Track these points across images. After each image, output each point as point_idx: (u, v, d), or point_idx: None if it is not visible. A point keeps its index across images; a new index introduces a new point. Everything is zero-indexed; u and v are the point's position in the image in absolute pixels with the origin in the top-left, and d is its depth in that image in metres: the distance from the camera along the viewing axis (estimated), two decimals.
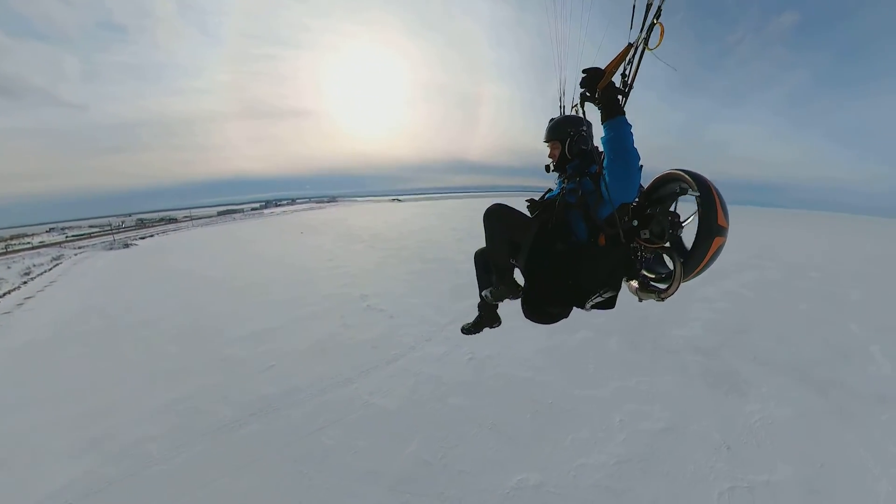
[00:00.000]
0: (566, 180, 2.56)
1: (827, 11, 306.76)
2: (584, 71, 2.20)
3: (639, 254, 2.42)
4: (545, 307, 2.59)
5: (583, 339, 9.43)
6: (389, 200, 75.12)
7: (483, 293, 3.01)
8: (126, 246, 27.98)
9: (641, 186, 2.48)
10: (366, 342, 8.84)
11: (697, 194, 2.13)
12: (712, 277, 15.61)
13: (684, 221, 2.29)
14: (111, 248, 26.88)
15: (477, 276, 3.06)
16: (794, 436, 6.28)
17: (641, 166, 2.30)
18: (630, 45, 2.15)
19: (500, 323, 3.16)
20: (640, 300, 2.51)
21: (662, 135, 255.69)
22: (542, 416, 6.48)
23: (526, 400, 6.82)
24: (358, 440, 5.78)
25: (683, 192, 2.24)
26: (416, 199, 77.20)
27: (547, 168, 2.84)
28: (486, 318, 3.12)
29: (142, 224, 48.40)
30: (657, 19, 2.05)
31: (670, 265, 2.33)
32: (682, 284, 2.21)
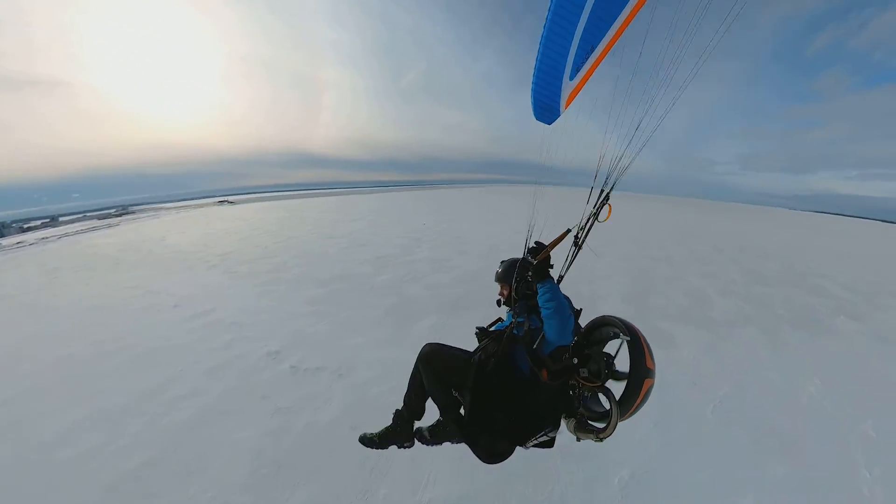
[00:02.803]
0: (515, 315, 2.78)
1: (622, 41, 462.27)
2: (535, 242, 2.71)
3: (577, 390, 2.61)
4: (494, 446, 2.62)
5: None
6: (215, 203, 59.98)
7: (403, 410, 3.01)
8: None
9: (580, 326, 2.82)
10: (337, 425, 6.08)
11: (628, 339, 2.45)
12: (604, 257, 18.31)
13: (616, 360, 2.61)
14: None
15: (412, 378, 2.94)
16: (713, 361, 8.70)
17: (577, 311, 2.76)
18: (568, 230, 2.76)
19: (412, 443, 3.03)
20: (579, 440, 2.66)
21: (504, 125, 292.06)
22: None
23: None
24: None
25: (616, 336, 2.59)
26: (255, 200, 64.11)
27: (498, 302, 3.15)
28: (401, 432, 2.97)
29: None
30: (608, 201, 2.70)
31: (605, 404, 2.59)
32: (618, 424, 2.41)
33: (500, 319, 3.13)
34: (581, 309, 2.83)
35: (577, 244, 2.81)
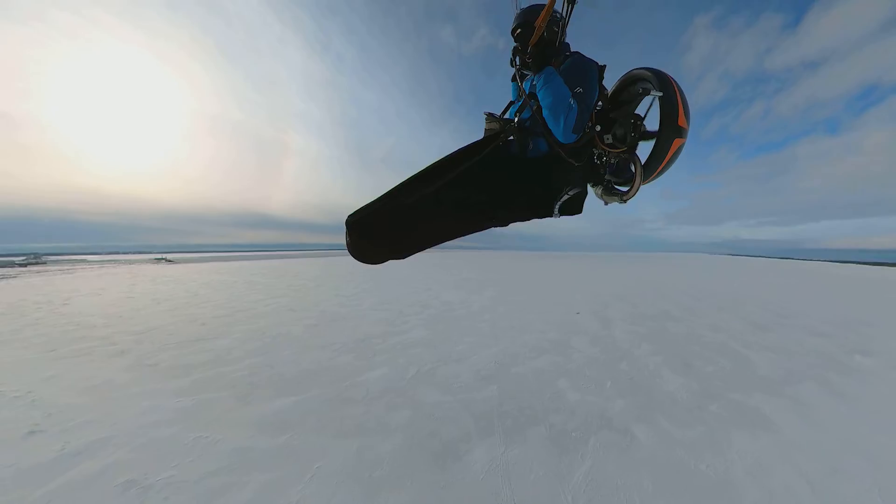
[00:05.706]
0: (524, 94, 2.60)
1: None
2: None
3: (603, 159, 2.58)
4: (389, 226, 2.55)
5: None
6: (151, 260, 51.63)
7: None
8: None
9: (605, 88, 2.63)
10: None
11: (660, 94, 2.32)
12: (610, 326, 15.65)
13: (646, 123, 2.46)
14: None
15: None
16: (819, 434, 6.02)
17: (601, 67, 2.34)
18: None
19: None
20: (606, 203, 2.95)
21: (426, 154, 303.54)
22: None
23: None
24: None
25: (647, 92, 2.41)
26: (198, 260, 56.35)
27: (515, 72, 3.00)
28: None
29: None
30: None
31: (633, 168, 2.61)
32: (642, 186, 2.49)
33: (512, 103, 2.81)
34: (605, 65, 2.35)
35: (559, 31, 2.37)
